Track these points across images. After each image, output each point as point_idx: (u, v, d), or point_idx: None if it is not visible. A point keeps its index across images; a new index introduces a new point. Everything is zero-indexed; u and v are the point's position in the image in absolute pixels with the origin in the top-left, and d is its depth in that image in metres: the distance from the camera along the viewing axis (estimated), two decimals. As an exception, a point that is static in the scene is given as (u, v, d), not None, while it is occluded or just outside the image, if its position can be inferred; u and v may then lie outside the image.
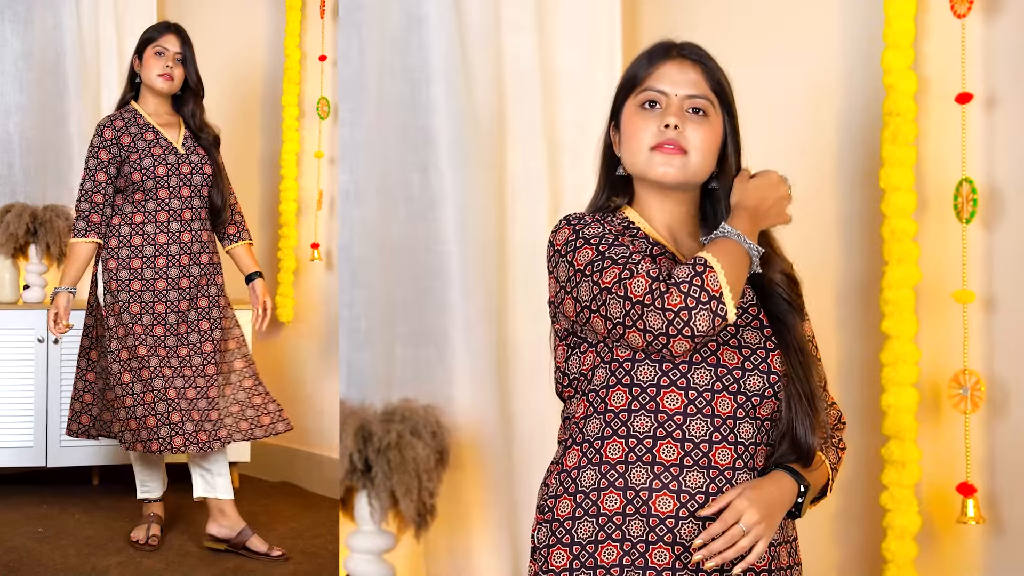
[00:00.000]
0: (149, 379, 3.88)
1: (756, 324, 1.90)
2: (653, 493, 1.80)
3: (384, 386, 3.33)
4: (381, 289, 3.37)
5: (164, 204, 3.95)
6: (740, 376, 1.84)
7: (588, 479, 1.85)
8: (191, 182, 3.98)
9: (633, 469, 1.82)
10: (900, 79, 2.79)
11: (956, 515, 2.73)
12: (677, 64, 1.95)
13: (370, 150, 3.37)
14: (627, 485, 1.81)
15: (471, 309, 3.36)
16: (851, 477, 2.98)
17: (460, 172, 3.37)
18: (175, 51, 4.01)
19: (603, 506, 1.82)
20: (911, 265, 2.76)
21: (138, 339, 3.90)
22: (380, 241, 3.37)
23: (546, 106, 3.41)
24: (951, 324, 2.78)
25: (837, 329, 3.06)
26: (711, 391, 1.82)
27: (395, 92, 3.39)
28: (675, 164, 1.90)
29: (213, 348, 4.02)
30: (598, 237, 1.85)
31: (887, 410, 2.77)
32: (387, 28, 3.39)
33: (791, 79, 3.17)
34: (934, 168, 2.83)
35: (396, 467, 3.11)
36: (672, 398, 1.82)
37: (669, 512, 1.80)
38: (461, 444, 3.34)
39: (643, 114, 1.93)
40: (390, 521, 3.20)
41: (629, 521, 1.80)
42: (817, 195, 3.10)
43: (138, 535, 4.16)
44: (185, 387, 3.91)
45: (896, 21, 2.80)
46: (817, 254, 3.08)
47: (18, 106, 5.19)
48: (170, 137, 4.00)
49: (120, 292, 3.93)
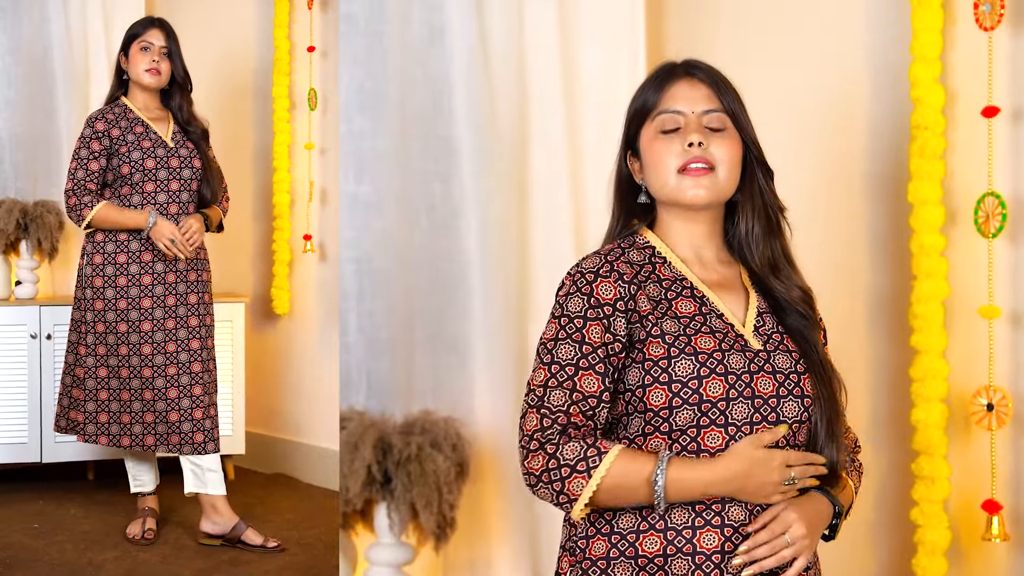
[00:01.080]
0: (127, 378, 3.91)
1: (784, 348, 1.88)
2: (697, 531, 1.79)
3: (404, 397, 3.32)
4: (402, 299, 3.35)
5: (151, 198, 3.97)
6: (776, 404, 1.82)
7: (625, 522, 1.82)
8: (180, 176, 4.00)
9: (673, 511, 1.80)
10: (927, 92, 2.77)
11: (982, 532, 2.71)
12: (687, 83, 1.94)
13: (392, 160, 3.35)
14: (668, 526, 1.79)
15: (492, 319, 3.35)
16: (881, 492, 2.96)
17: (482, 182, 3.36)
18: (160, 45, 4.03)
19: (642, 548, 1.80)
20: (939, 279, 2.74)
21: (120, 337, 3.92)
22: (401, 251, 3.35)
23: (568, 114, 3.38)
24: (978, 340, 2.76)
25: (867, 343, 3.04)
26: (750, 424, 1.80)
27: (417, 102, 3.37)
28: (704, 185, 1.89)
29: (200, 345, 4.02)
30: (567, 318, 1.84)
31: (917, 425, 2.75)
32: (408, 39, 3.38)
33: (818, 92, 3.15)
34: (961, 182, 2.81)
35: (416, 480, 3.10)
36: (713, 436, 1.80)
37: (715, 548, 1.78)
38: (481, 456, 3.32)
39: (664, 138, 1.92)
40: (410, 534, 3.18)
41: (671, 561, 1.78)
42: (845, 208, 3.09)
43: (133, 530, 4.18)
44: (167, 386, 3.92)
45: (923, 34, 2.78)
46: (846, 268, 3.06)
47: (7, 101, 5.21)
48: (159, 131, 4.02)
49: (106, 289, 3.95)
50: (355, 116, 3.33)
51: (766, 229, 1.96)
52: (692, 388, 1.78)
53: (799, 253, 2.04)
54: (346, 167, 3.30)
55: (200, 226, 4.04)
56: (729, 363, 1.80)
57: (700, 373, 1.78)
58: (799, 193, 3.08)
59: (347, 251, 3.31)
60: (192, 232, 4.00)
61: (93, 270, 3.99)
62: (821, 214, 3.11)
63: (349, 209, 3.30)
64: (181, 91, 4.13)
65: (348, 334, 3.27)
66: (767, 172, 1.98)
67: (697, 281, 1.92)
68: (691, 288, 1.91)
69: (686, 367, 1.79)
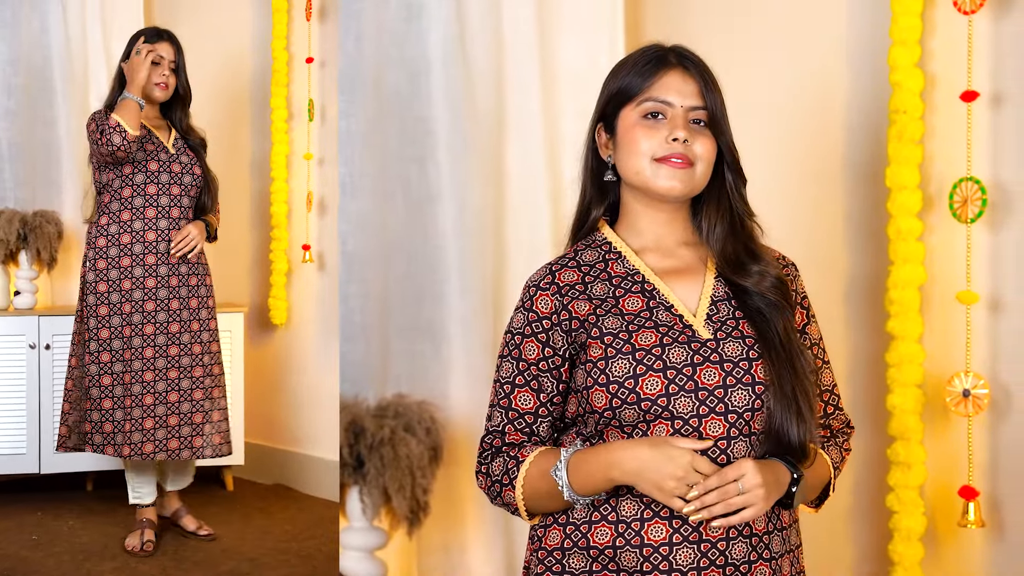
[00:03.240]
0: (130, 383, 3.88)
1: (737, 334, 1.84)
2: (645, 523, 1.77)
3: (378, 381, 3.29)
4: (377, 282, 3.32)
5: (153, 201, 3.97)
6: (723, 395, 1.78)
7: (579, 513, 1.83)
8: (181, 181, 4.02)
9: (623, 502, 1.79)
10: (906, 76, 2.75)
11: (958, 518, 2.70)
12: (680, 74, 1.91)
13: (368, 142, 3.32)
14: (618, 518, 1.79)
15: (468, 303, 3.32)
16: (859, 478, 2.96)
17: (458, 164, 3.33)
18: (170, 60, 4.05)
19: (593, 539, 1.80)
20: (916, 265, 2.73)
21: (125, 342, 3.90)
22: (377, 234, 3.33)
23: (546, 97, 3.36)
24: (956, 325, 2.75)
25: (845, 328, 3.03)
26: (698, 416, 1.77)
27: (394, 83, 3.34)
28: (680, 178, 1.86)
29: (202, 350, 4.02)
30: (511, 334, 1.91)
31: (892, 411, 2.74)
32: (385, 19, 3.35)
33: (796, 76, 3.14)
34: (940, 167, 2.80)
35: (389, 463, 3.08)
36: (661, 431, 1.77)
37: (663, 540, 1.76)
38: (455, 440, 3.30)
39: (646, 123, 1.89)
40: (382, 518, 3.16)
41: (620, 553, 1.78)
42: (823, 193, 3.07)
43: (132, 542, 4.15)
44: (167, 390, 3.92)
45: (902, 18, 2.77)
46: (825, 253, 3.05)
47: (6, 111, 5.14)
48: (161, 137, 4.02)
49: (111, 293, 3.92)
50: (331, 97, 3.30)
51: (729, 230, 1.93)
52: (629, 388, 1.77)
53: (777, 236, 2.02)
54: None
55: (200, 232, 4.06)
56: (669, 357, 1.78)
57: (636, 372, 1.77)
58: (777, 177, 3.08)
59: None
60: (192, 237, 4.02)
61: (96, 275, 3.97)
62: (798, 198, 3.10)
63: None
64: (182, 103, 4.16)
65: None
66: (740, 177, 1.95)
67: (650, 274, 1.90)
68: (642, 282, 1.89)
69: (623, 366, 1.78)
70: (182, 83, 4.13)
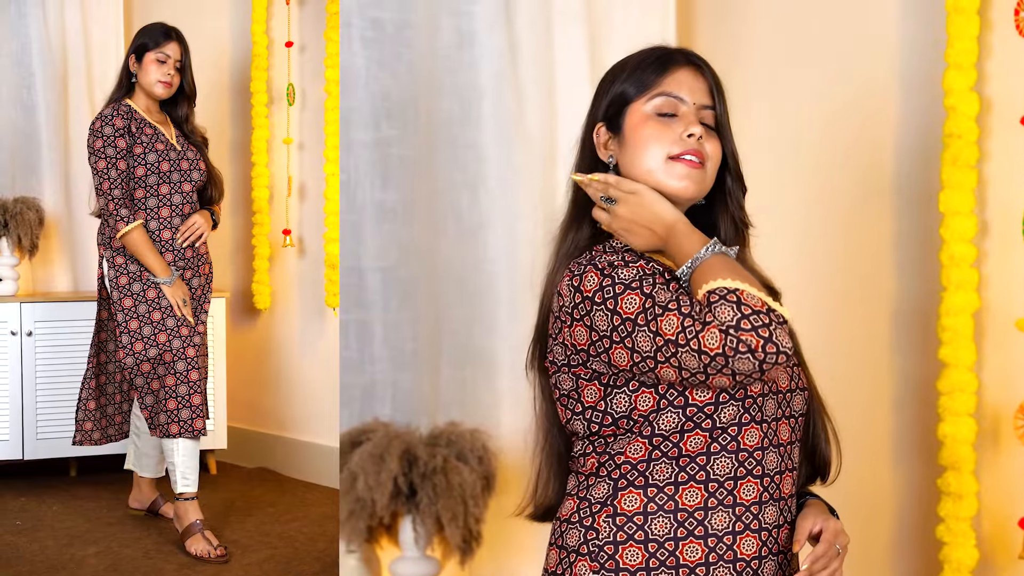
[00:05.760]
0: (172, 362, 3.94)
1: None
2: (736, 537, 1.74)
3: (430, 409, 3.29)
4: (428, 310, 3.32)
5: (166, 200, 4.06)
6: (790, 399, 1.80)
7: (661, 527, 1.74)
8: (191, 177, 4.12)
9: (713, 515, 1.74)
10: (961, 100, 2.70)
11: (1017, 551, 2.64)
12: (692, 72, 1.87)
13: (419, 168, 3.33)
14: (707, 533, 1.73)
15: (519, 330, 3.31)
16: (907, 508, 2.90)
17: (510, 191, 3.33)
18: (176, 58, 4.09)
19: (683, 557, 1.73)
20: (970, 292, 2.68)
21: (156, 327, 3.94)
22: (428, 261, 3.33)
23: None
24: (1016, 353, 2.69)
25: (891, 354, 2.98)
26: (775, 419, 1.78)
27: (445, 110, 3.35)
28: (694, 177, 1.81)
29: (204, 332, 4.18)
30: (638, 280, 1.71)
31: (944, 440, 2.69)
32: (436, 45, 3.36)
33: (848, 96, 3.10)
34: (999, 191, 2.75)
35: (442, 492, 3.06)
36: (751, 434, 1.75)
37: (753, 553, 1.74)
38: (508, 468, 3.28)
39: (659, 120, 1.84)
40: (435, 547, 3.15)
41: (713, 570, 1.73)
42: (873, 215, 3.03)
43: (199, 548, 4.00)
44: (188, 369, 4.00)
45: (958, 41, 2.72)
46: (871, 276, 3.00)
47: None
48: (166, 134, 4.07)
49: (133, 283, 3.97)
50: (382, 123, 3.30)
51: (734, 240, 1.90)
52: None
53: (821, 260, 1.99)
54: (372, 175, 3.28)
55: (206, 222, 4.15)
56: None
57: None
58: (823, 198, 3.04)
59: (373, 260, 3.28)
60: (199, 227, 4.11)
61: (116, 271, 4.02)
62: (846, 220, 3.05)
63: (375, 217, 3.27)
64: (187, 101, 4.23)
65: (373, 344, 3.24)
66: (741, 185, 1.92)
67: None
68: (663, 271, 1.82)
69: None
70: (187, 81, 4.18)
